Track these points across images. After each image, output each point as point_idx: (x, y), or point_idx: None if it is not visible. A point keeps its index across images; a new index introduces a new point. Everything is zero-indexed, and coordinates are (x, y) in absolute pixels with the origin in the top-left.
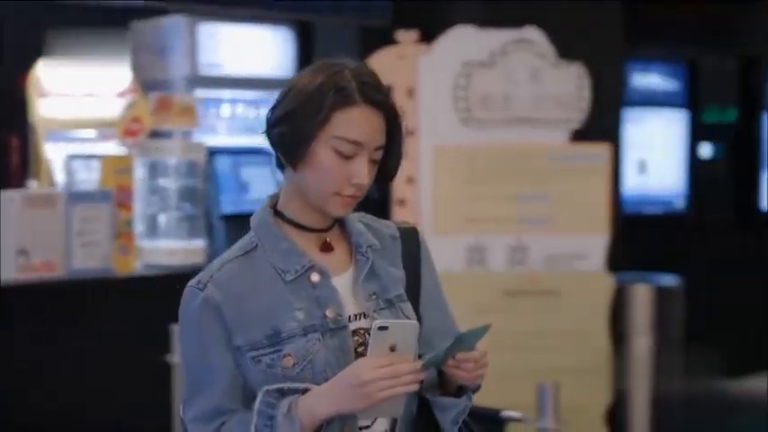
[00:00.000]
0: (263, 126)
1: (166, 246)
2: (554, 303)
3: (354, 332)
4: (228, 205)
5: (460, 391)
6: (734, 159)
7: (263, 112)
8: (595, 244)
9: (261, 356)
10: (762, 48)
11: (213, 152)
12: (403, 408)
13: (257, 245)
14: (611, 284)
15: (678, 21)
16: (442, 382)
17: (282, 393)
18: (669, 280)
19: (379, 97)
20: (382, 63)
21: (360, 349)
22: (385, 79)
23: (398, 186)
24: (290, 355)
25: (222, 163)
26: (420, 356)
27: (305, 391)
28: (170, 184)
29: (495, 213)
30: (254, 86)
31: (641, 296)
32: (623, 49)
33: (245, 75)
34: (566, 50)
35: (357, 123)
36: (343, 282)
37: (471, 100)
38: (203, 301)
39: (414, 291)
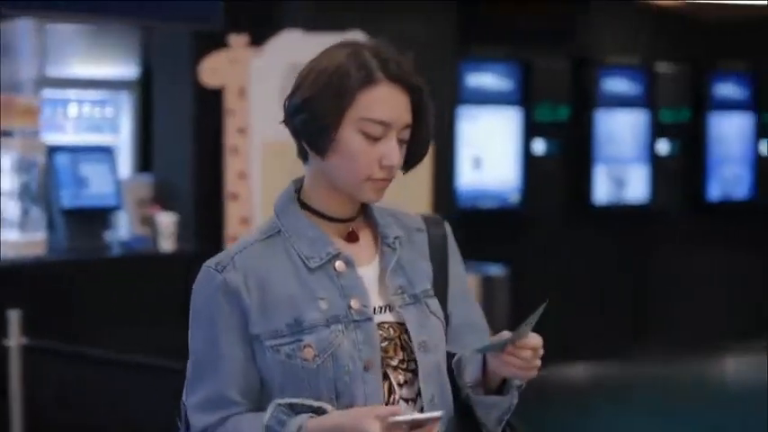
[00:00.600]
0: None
1: (5, 238)
2: None
3: (379, 325)
4: (68, 200)
5: (503, 387)
6: (566, 155)
7: (108, 111)
8: None
9: (280, 346)
10: (593, 48)
11: (54, 149)
12: None
13: (280, 230)
14: None
15: (513, 22)
16: (485, 379)
17: (294, 409)
18: (496, 270)
19: (401, 73)
20: (215, 65)
21: (384, 344)
22: (218, 81)
23: (231, 181)
24: (310, 346)
25: (62, 160)
26: (451, 354)
27: (318, 409)
28: (9, 180)
29: None
30: (99, 87)
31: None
32: (458, 51)
33: (90, 76)
34: None
35: (383, 102)
36: (368, 272)
37: None
38: (222, 283)
39: (441, 285)
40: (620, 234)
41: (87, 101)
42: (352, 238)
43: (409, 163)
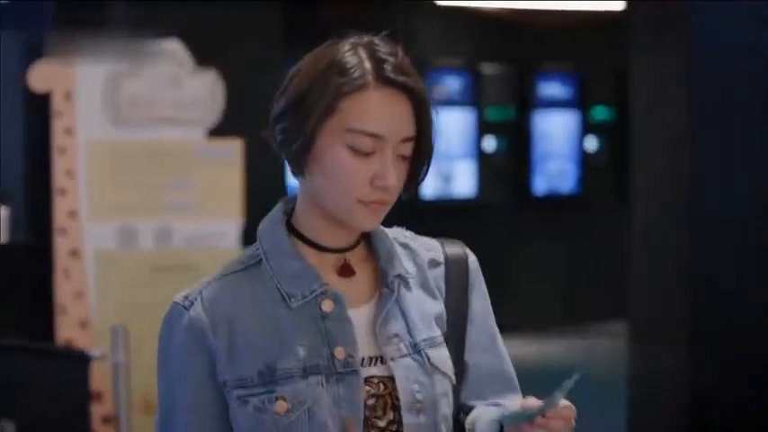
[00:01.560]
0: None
1: None
2: (195, 276)
3: (367, 380)
4: None
5: None
6: (513, 151)
7: None
8: (230, 225)
9: (249, 397)
10: (418, 51)
11: None
12: None
13: (261, 259)
14: None
15: (340, 23)
16: None
17: None
18: None
19: (401, 78)
20: (43, 71)
21: (370, 402)
22: (45, 86)
23: (58, 178)
24: (283, 398)
25: None
26: (463, 410)
27: None
28: None
29: (143, 200)
30: None
31: None
32: (282, 51)
33: None
34: (209, 57)
35: (374, 111)
36: (361, 315)
37: (120, 103)
38: (187, 322)
39: (458, 329)
40: (448, 228)
41: None
42: (346, 272)
43: (411, 183)
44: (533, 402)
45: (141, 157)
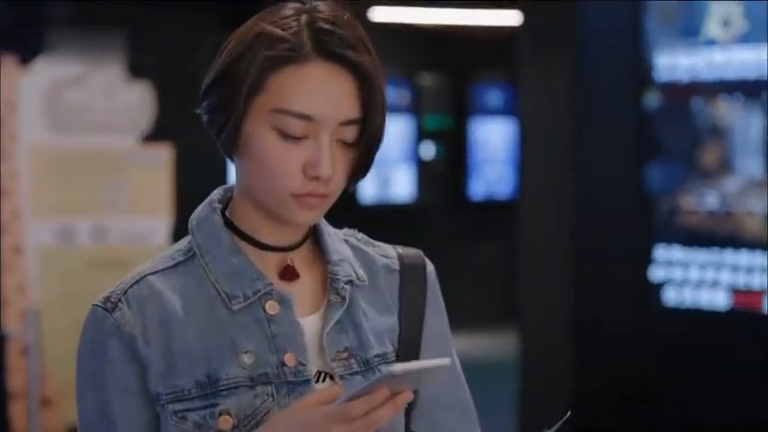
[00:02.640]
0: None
1: None
2: (128, 272)
3: None
4: None
5: None
6: (450, 157)
7: None
8: (160, 224)
9: (187, 412)
10: (470, 67)
11: None
12: None
13: (195, 254)
14: None
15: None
16: None
17: None
18: None
19: (342, 50)
20: None
21: None
22: None
23: (4, 180)
24: (228, 413)
25: None
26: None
27: None
28: None
29: (80, 200)
30: None
31: None
32: None
33: None
34: (142, 68)
35: (306, 89)
36: (308, 325)
37: (61, 110)
38: (111, 327)
39: (410, 345)
40: (387, 230)
41: None
42: (288, 275)
43: (355, 173)
44: None
45: (79, 160)
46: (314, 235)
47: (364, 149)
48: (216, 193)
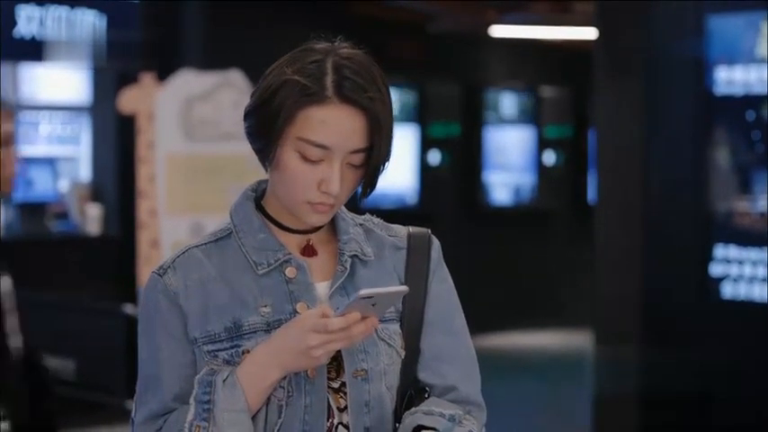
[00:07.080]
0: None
1: None
2: None
3: None
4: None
5: None
6: (457, 164)
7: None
8: None
9: (218, 351)
10: (479, 77)
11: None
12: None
13: (231, 232)
14: None
15: (411, 54)
16: None
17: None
18: None
19: (358, 96)
20: (131, 96)
21: (326, 364)
22: (132, 108)
23: (142, 182)
24: (248, 352)
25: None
26: (426, 385)
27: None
28: None
29: (212, 201)
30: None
31: None
32: None
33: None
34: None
35: (325, 125)
36: (320, 288)
37: (193, 122)
38: (162, 288)
39: (415, 311)
40: (514, 231)
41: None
42: (308, 251)
43: (363, 190)
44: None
45: (208, 165)
46: (332, 220)
47: (371, 170)
48: (251, 186)
